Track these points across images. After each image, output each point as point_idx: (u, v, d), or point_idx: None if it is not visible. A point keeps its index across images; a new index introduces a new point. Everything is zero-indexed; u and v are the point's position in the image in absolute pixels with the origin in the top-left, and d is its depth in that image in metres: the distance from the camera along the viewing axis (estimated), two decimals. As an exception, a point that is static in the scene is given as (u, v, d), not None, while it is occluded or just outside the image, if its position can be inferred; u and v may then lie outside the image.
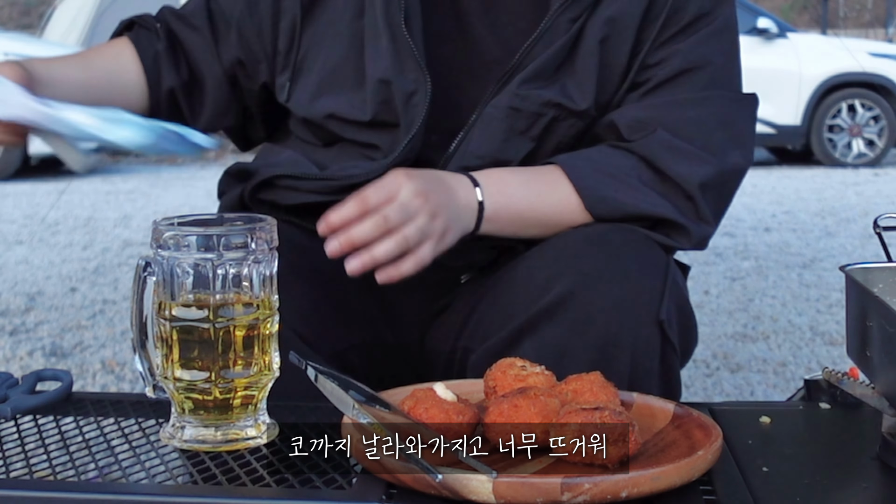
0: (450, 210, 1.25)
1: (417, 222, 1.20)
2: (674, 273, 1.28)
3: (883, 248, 1.15)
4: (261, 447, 1.02)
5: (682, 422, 1.02)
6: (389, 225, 1.18)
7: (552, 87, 1.34)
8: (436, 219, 1.22)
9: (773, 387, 3.11)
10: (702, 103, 1.35)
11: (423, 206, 1.20)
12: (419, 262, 1.21)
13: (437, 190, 1.24)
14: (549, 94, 1.33)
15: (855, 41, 11.38)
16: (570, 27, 1.33)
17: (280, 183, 1.40)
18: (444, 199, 1.24)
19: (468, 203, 1.28)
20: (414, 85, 1.34)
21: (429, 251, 1.22)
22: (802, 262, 5.03)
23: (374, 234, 1.18)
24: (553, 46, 1.33)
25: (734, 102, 1.38)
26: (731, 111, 1.37)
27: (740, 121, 1.38)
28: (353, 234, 1.18)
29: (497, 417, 0.96)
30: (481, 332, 1.30)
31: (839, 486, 0.97)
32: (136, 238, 5.85)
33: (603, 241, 1.26)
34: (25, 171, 9.05)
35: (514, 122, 1.34)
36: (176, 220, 1.04)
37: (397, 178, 1.22)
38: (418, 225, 1.20)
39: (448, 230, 1.24)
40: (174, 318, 1.01)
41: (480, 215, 1.29)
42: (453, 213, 1.25)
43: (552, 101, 1.33)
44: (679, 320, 1.27)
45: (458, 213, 1.26)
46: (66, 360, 3.42)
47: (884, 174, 9.27)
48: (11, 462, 1.00)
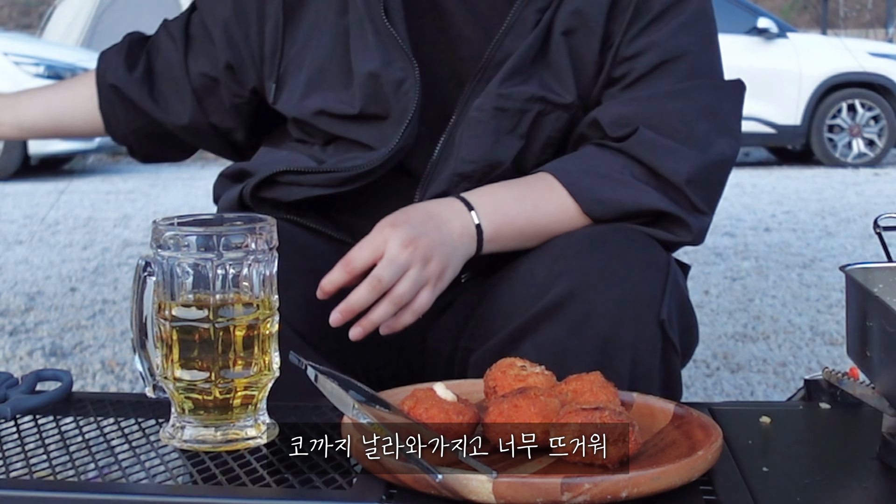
0: (444, 247, 1.25)
1: (410, 276, 1.21)
2: (675, 272, 1.28)
3: (883, 248, 1.15)
4: (261, 447, 1.02)
5: (683, 422, 1.02)
6: (383, 286, 1.20)
7: (531, 81, 1.34)
8: (429, 263, 1.23)
9: (773, 387, 3.11)
10: (683, 94, 1.35)
11: (413, 256, 1.21)
12: (417, 313, 1.23)
13: (427, 231, 1.24)
14: (531, 89, 1.34)
15: (855, 41, 11.38)
16: (538, 18, 1.34)
17: (282, 179, 1.40)
18: (436, 237, 1.24)
19: (465, 230, 1.28)
20: (402, 73, 1.35)
21: (427, 297, 1.23)
22: (802, 262, 5.03)
23: (371, 299, 1.20)
24: (526, 40, 1.34)
25: (717, 90, 1.38)
26: (713, 99, 1.37)
27: (724, 108, 1.38)
28: (350, 303, 1.20)
29: (497, 417, 0.96)
30: (482, 331, 1.30)
31: (839, 486, 0.97)
32: (135, 238, 5.85)
33: (604, 240, 1.26)
34: (25, 171, 9.05)
35: (501, 121, 1.34)
36: (176, 220, 1.04)
37: (382, 231, 1.23)
38: (411, 278, 1.21)
39: (446, 267, 1.25)
40: (174, 318, 1.01)
41: (480, 238, 1.29)
42: (448, 248, 1.25)
43: (535, 96, 1.34)
44: (680, 320, 1.27)
45: (455, 244, 1.26)
46: (66, 360, 3.41)
47: (884, 174, 9.27)
48: (11, 462, 1.00)
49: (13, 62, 9.06)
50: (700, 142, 1.33)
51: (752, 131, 9.44)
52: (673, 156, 1.32)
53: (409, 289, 1.21)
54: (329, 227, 1.44)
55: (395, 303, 1.21)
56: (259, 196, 1.42)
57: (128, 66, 1.55)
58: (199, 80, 1.53)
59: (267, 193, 1.42)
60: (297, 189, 1.40)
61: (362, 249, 1.22)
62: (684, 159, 1.32)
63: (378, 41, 1.36)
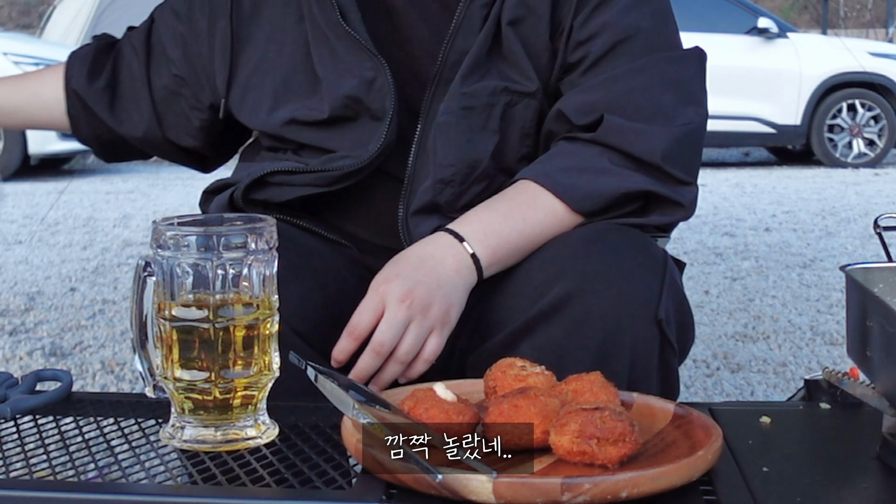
0: (442, 288, 1.25)
1: (412, 330, 1.23)
2: (671, 271, 1.28)
3: (883, 248, 1.15)
4: (261, 447, 1.02)
5: (683, 422, 1.02)
6: (385, 350, 1.22)
7: (491, 74, 1.35)
8: (429, 311, 1.23)
9: (773, 387, 3.11)
10: (643, 70, 1.34)
11: (412, 310, 1.22)
12: (429, 360, 1.25)
13: (421, 279, 1.24)
14: (493, 82, 1.35)
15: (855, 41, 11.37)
16: (485, 13, 1.35)
17: (272, 180, 1.40)
18: (432, 281, 1.24)
19: (460, 264, 1.28)
20: (372, 72, 1.36)
21: (435, 343, 1.25)
22: (803, 262, 5.03)
23: (376, 364, 1.23)
24: (477, 37, 1.34)
25: (676, 62, 1.37)
26: (674, 71, 1.36)
27: (687, 77, 1.37)
28: (358, 372, 1.22)
29: (497, 417, 0.95)
30: (480, 332, 1.30)
31: (839, 486, 0.97)
32: (135, 238, 5.85)
33: (599, 240, 1.26)
34: (25, 171, 9.05)
35: (471, 120, 1.34)
36: (176, 220, 1.04)
37: (378, 291, 1.24)
38: (413, 332, 1.23)
39: (449, 307, 1.25)
40: (174, 318, 1.01)
41: (479, 266, 1.29)
42: (447, 288, 1.25)
43: (498, 88, 1.35)
44: (677, 318, 1.27)
45: (453, 282, 1.26)
46: (65, 360, 3.41)
47: (884, 174, 9.27)
48: (11, 462, 1.00)
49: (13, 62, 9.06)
50: (668, 115, 1.33)
51: (752, 131, 9.44)
52: (643, 137, 1.31)
53: (413, 343, 1.23)
54: (321, 227, 1.44)
55: (401, 361, 1.23)
56: (250, 198, 1.42)
57: (91, 75, 1.57)
58: (161, 92, 1.55)
59: (258, 195, 1.41)
60: (287, 189, 1.40)
61: (363, 314, 1.23)
62: (655, 137, 1.31)
63: (341, 45, 1.37)
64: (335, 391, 1.00)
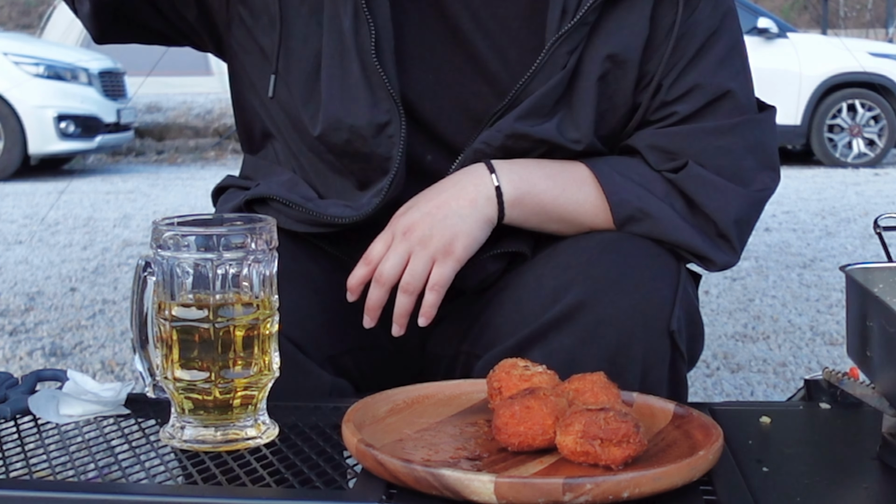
0: (448, 220, 1.24)
1: (411, 262, 1.25)
2: (684, 281, 1.26)
3: (883, 248, 1.14)
4: (261, 447, 1.02)
5: (683, 422, 1.02)
6: (383, 280, 1.25)
7: (548, 121, 1.29)
8: (429, 241, 1.24)
9: (773, 387, 3.11)
10: (729, 131, 1.31)
11: (411, 241, 1.24)
12: (436, 288, 1.25)
13: (431, 210, 1.25)
14: (544, 133, 1.29)
15: (855, 41, 11.38)
16: (567, 59, 1.28)
17: (272, 204, 1.36)
18: (439, 212, 1.24)
19: (479, 194, 1.26)
20: (387, 116, 1.28)
21: (439, 272, 1.25)
22: (802, 262, 5.03)
23: (382, 294, 1.26)
24: (551, 81, 1.28)
25: (760, 124, 1.35)
26: (756, 133, 1.33)
27: (766, 140, 1.35)
28: (370, 305, 1.26)
29: (510, 419, 0.95)
30: (487, 338, 1.28)
31: (839, 486, 0.97)
32: (135, 238, 5.85)
33: (613, 249, 1.24)
34: (25, 171, 9.06)
35: (506, 156, 1.30)
36: (176, 220, 1.04)
37: (391, 223, 1.27)
38: (413, 264, 1.24)
39: (454, 237, 1.24)
40: (174, 318, 1.01)
41: (501, 200, 1.27)
42: (454, 219, 1.25)
43: (545, 140, 1.29)
44: (688, 329, 1.26)
45: (463, 213, 1.25)
46: (65, 360, 3.42)
47: (884, 174, 9.28)
48: (11, 462, 1.00)
49: (13, 62, 9.07)
50: (746, 179, 1.30)
51: (752, 131, 9.43)
52: (724, 195, 1.28)
53: (413, 273, 1.24)
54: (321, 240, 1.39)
55: (405, 290, 1.25)
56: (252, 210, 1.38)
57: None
58: None
59: (260, 210, 1.37)
60: (282, 218, 1.32)
61: (376, 244, 1.27)
62: (734, 199, 1.29)
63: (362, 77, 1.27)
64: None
